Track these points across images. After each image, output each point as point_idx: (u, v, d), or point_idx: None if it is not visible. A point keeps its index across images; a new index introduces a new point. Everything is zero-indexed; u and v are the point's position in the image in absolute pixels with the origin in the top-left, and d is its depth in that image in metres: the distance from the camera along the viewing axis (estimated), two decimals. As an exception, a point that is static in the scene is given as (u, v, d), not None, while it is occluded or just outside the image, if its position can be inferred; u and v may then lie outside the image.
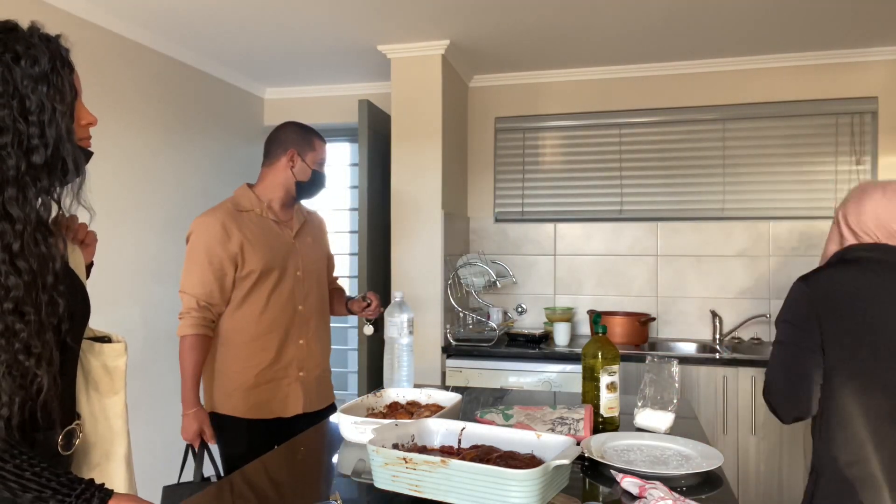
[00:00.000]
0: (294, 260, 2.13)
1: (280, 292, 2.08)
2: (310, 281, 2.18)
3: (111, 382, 1.20)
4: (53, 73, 1.02)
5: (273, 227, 2.12)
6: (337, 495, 1.19)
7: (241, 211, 2.10)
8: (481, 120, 3.83)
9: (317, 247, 2.25)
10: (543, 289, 3.73)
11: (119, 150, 2.93)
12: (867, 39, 3.15)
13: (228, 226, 2.02)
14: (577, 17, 2.87)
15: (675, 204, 3.54)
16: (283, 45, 3.26)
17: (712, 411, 2.92)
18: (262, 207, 2.12)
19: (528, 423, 1.57)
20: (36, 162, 0.99)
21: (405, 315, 1.88)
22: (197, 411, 1.98)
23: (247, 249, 2.02)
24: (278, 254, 2.09)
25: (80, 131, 1.10)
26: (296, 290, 2.12)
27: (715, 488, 1.29)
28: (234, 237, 2.01)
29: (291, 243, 2.15)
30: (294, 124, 2.19)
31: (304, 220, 2.23)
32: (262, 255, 2.04)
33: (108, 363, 1.20)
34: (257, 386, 2.04)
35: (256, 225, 2.09)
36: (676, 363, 1.73)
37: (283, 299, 2.09)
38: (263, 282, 2.05)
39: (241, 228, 2.04)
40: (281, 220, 2.15)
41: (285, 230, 2.15)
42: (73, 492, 0.96)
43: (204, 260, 1.99)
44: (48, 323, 1.00)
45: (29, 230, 0.98)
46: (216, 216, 2.04)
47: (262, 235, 2.07)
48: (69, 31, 1.09)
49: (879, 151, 3.31)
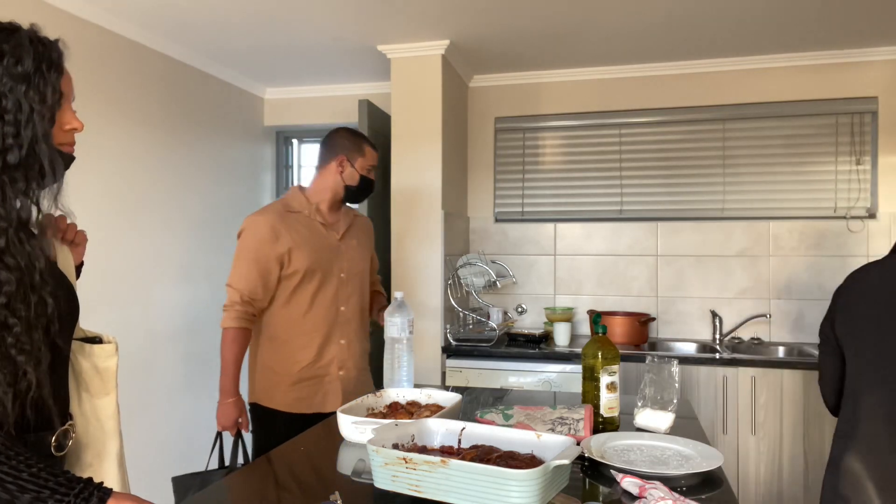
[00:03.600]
0: (339, 262, 2.20)
1: (324, 293, 2.16)
2: (353, 283, 2.24)
3: (102, 383, 1.20)
4: (37, 74, 1.01)
5: (320, 229, 2.19)
6: (337, 495, 1.19)
7: (290, 212, 2.17)
8: (481, 120, 3.83)
9: (361, 249, 2.31)
10: (543, 289, 3.73)
11: (119, 150, 2.93)
12: (867, 39, 3.15)
13: (277, 226, 2.10)
14: (577, 17, 2.87)
15: (675, 204, 3.54)
16: (283, 45, 3.26)
17: (712, 411, 2.92)
18: (310, 209, 2.19)
19: (528, 423, 1.57)
20: (10, 161, 0.98)
21: (405, 315, 1.88)
22: (236, 400, 2.08)
23: (293, 250, 2.10)
24: (323, 255, 2.16)
25: (62, 136, 1.09)
26: (339, 291, 2.20)
27: (715, 488, 1.28)
28: (281, 237, 2.09)
29: (337, 245, 2.21)
30: (346, 130, 2.27)
31: (350, 223, 2.29)
32: (308, 256, 2.11)
33: (98, 364, 1.20)
34: (299, 382, 2.13)
35: (304, 226, 2.16)
36: (676, 363, 1.73)
37: (327, 300, 2.16)
38: (308, 282, 2.13)
39: (289, 229, 2.12)
40: (328, 223, 2.22)
41: (332, 232, 2.22)
42: (72, 491, 0.96)
43: (251, 257, 2.08)
44: (37, 322, 1.00)
45: (12, 229, 0.98)
46: (266, 216, 2.12)
47: (309, 237, 2.15)
48: (69, 31, 1.10)
49: (879, 151, 3.31)
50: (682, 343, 3.39)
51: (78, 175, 2.69)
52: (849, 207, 3.30)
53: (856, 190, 3.31)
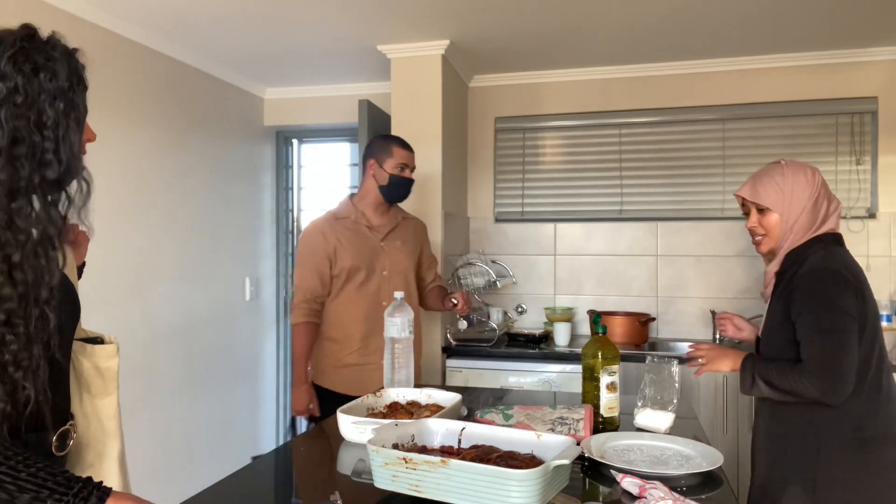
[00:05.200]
0: (381, 260, 2.43)
1: (367, 289, 2.40)
2: (396, 279, 2.43)
3: (103, 384, 1.19)
4: (71, 90, 1.02)
5: (365, 231, 2.44)
6: (337, 495, 1.19)
7: (338, 219, 2.44)
8: (481, 120, 3.83)
9: (406, 249, 2.50)
10: (543, 289, 3.73)
11: (119, 150, 2.93)
12: (867, 39, 3.15)
13: (326, 231, 2.40)
14: (577, 17, 2.87)
15: (675, 204, 3.54)
16: (283, 45, 3.26)
17: (712, 411, 2.92)
18: (357, 214, 2.45)
19: (528, 423, 1.57)
20: (49, 177, 0.99)
21: (405, 315, 1.88)
22: (307, 388, 2.37)
23: (339, 251, 2.37)
24: (365, 255, 2.40)
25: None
26: (381, 287, 2.41)
27: (715, 488, 1.28)
28: (329, 241, 2.38)
29: (379, 246, 2.44)
30: (378, 136, 2.53)
31: (396, 224, 2.50)
32: (351, 256, 2.37)
33: (99, 364, 1.19)
34: (346, 367, 2.38)
35: (350, 230, 2.42)
36: (676, 363, 1.73)
37: (370, 295, 2.40)
38: (352, 279, 2.38)
39: (336, 233, 2.40)
40: (373, 225, 2.46)
41: (375, 234, 2.45)
42: (71, 490, 0.95)
43: (308, 261, 2.39)
44: (37, 337, 0.99)
45: (32, 242, 0.98)
46: (318, 223, 2.44)
47: (353, 239, 2.40)
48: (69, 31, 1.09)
49: (879, 151, 3.30)
50: (682, 343, 3.38)
51: (78, 175, 2.69)
52: (849, 207, 3.29)
53: (856, 190, 3.31)
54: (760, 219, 1.69)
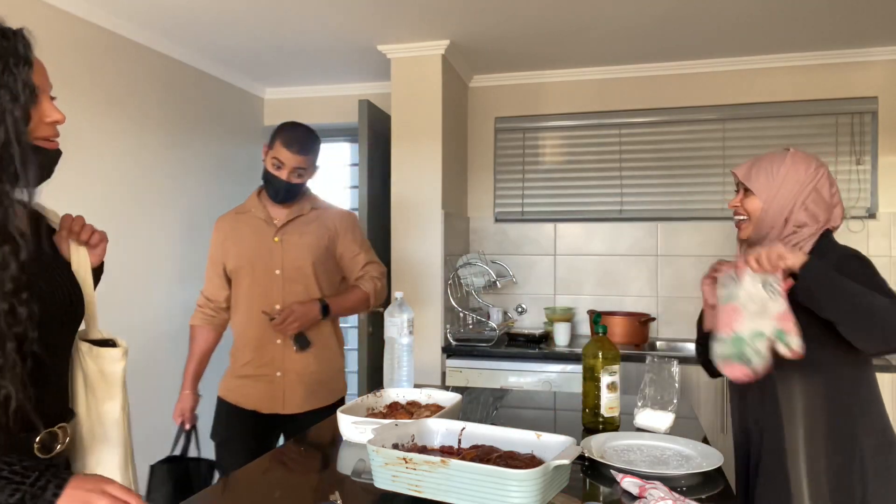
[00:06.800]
0: (274, 258, 2.11)
1: (255, 291, 2.12)
2: (292, 280, 2.11)
3: (107, 388, 1.17)
4: (5, 72, 0.96)
5: (261, 226, 2.15)
6: (337, 495, 1.18)
7: (239, 213, 2.21)
8: (481, 120, 3.83)
9: (305, 243, 2.13)
10: (543, 289, 3.73)
11: (119, 150, 2.93)
12: (867, 39, 3.15)
13: (222, 228, 2.20)
14: (577, 17, 2.87)
15: (675, 204, 3.54)
16: (283, 45, 3.26)
17: (712, 411, 2.92)
18: (258, 207, 2.17)
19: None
20: None
21: (405, 315, 1.88)
22: (186, 394, 2.17)
23: (227, 248, 2.16)
24: (252, 253, 2.12)
25: (45, 129, 1.05)
26: (272, 288, 2.10)
27: (715, 488, 1.28)
28: (221, 239, 2.18)
29: (272, 242, 2.12)
30: (286, 122, 2.17)
31: (296, 217, 2.16)
32: (235, 254, 2.14)
33: (104, 368, 1.17)
34: (242, 378, 2.16)
35: (246, 225, 2.16)
36: (676, 363, 1.73)
37: (260, 298, 2.11)
38: (239, 280, 2.15)
39: (230, 230, 2.18)
40: (271, 219, 2.16)
41: (270, 229, 2.14)
42: (27, 480, 0.91)
43: (209, 262, 2.22)
44: (9, 332, 0.95)
45: None
46: (219, 220, 2.24)
47: (244, 235, 2.15)
48: (69, 30, 1.09)
49: (879, 151, 3.30)
50: (682, 343, 3.38)
51: (78, 175, 2.69)
52: (849, 207, 3.29)
53: (856, 190, 3.31)
54: (743, 199, 1.59)
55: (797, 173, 1.53)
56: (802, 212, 1.52)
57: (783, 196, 1.53)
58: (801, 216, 1.53)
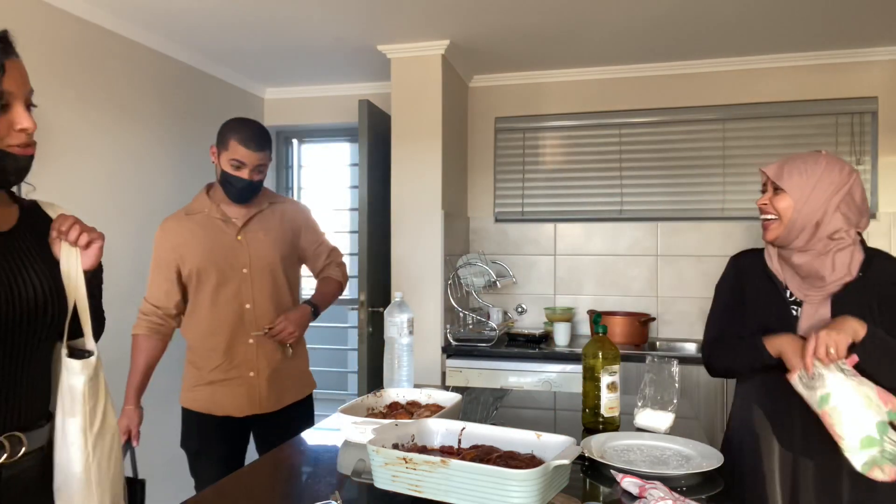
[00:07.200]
0: (240, 257, 2.07)
1: (224, 292, 2.06)
2: (261, 277, 2.09)
3: (71, 403, 1.10)
4: None
5: (219, 226, 2.08)
6: (337, 495, 1.19)
7: (189, 214, 2.11)
8: (481, 120, 3.83)
9: (270, 239, 2.12)
10: (543, 289, 3.73)
11: (118, 150, 2.93)
12: (867, 39, 3.15)
13: (173, 231, 2.08)
14: (577, 17, 2.87)
15: (675, 204, 3.54)
16: (283, 45, 3.26)
17: (712, 411, 2.92)
18: (210, 207, 2.10)
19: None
20: None
21: (405, 315, 1.88)
22: (130, 409, 2.03)
23: (185, 252, 2.05)
24: (217, 253, 2.05)
25: (14, 137, 1.03)
26: (243, 288, 2.07)
27: (715, 488, 1.28)
28: (175, 241, 2.06)
29: (235, 241, 2.08)
30: (230, 120, 2.08)
31: (256, 213, 2.12)
32: (198, 256, 2.04)
33: (70, 381, 1.10)
34: (210, 384, 2.08)
35: (200, 226, 2.08)
36: (676, 363, 1.73)
37: (228, 298, 2.06)
38: (204, 282, 2.05)
39: (184, 232, 2.07)
40: (229, 218, 2.10)
41: (231, 228, 2.09)
42: None
43: (155, 268, 2.10)
44: None
45: None
46: (165, 222, 2.11)
47: (203, 236, 2.06)
48: (69, 30, 1.09)
49: (879, 151, 3.31)
50: (682, 343, 3.38)
51: (78, 175, 2.69)
52: (849, 207, 3.29)
53: (856, 190, 3.31)
54: (773, 198, 1.55)
55: (832, 175, 1.49)
56: (838, 216, 1.47)
57: (817, 197, 1.48)
58: (837, 221, 1.47)
